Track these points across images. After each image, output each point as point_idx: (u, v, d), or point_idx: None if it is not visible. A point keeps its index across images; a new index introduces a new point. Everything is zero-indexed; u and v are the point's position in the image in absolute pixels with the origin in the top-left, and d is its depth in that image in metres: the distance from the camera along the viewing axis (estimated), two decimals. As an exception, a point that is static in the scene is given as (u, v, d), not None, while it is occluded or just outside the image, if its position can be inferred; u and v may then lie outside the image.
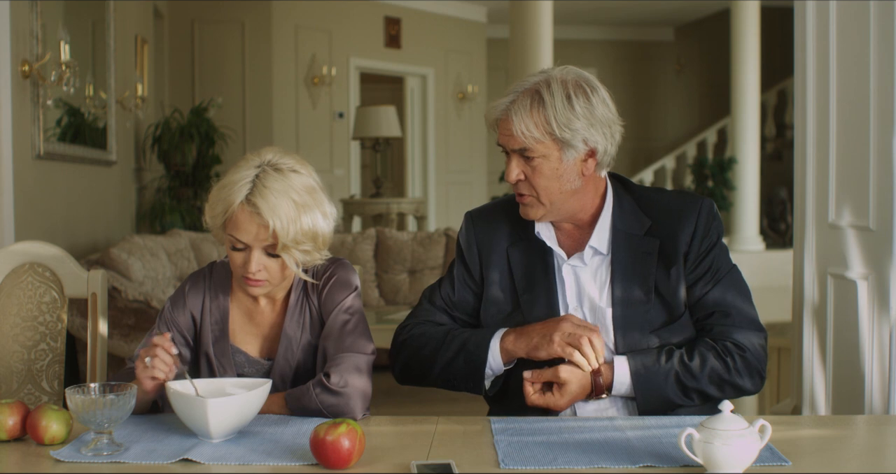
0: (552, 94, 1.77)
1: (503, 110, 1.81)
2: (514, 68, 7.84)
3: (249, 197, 1.74)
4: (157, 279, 4.63)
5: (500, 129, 1.82)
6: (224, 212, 1.76)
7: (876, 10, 2.54)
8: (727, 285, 1.85)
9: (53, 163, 4.53)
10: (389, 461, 1.48)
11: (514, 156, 1.82)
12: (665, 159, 11.12)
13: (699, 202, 1.88)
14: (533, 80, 1.81)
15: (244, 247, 1.77)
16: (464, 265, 1.98)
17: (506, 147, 1.82)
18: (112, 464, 1.48)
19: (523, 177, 1.82)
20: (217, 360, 1.88)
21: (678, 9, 11.27)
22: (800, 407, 2.96)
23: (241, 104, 8.45)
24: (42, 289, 2.20)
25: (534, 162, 1.80)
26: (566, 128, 1.77)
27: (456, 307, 1.96)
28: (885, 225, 2.50)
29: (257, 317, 1.92)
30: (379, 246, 5.92)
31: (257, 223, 1.74)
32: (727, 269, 1.86)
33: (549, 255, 1.89)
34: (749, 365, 1.80)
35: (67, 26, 4.45)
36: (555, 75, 1.81)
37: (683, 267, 1.84)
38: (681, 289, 1.84)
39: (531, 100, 1.78)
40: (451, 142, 10.64)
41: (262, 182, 1.74)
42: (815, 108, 2.88)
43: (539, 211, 1.85)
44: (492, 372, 1.84)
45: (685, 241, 1.84)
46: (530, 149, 1.79)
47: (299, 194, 1.76)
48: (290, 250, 1.76)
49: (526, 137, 1.78)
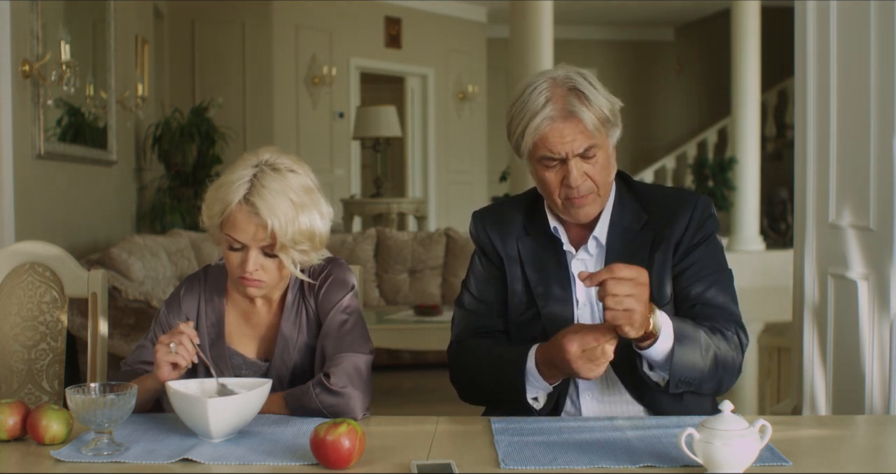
0: (581, 83, 1.78)
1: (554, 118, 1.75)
2: (514, 68, 7.84)
3: (247, 196, 1.73)
4: (157, 279, 4.63)
5: (554, 140, 1.76)
6: (221, 211, 1.75)
7: (876, 10, 2.54)
8: (714, 282, 1.83)
9: (54, 163, 4.53)
10: (389, 461, 1.48)
11: (573, 161, 1.77)
12: (665, 159, 11.12)
13: (696, 197, 1.88)
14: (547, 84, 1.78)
15: (241, 247, 1.77)
16: (486, 258, 1.96)
17: (568, 153, 1.77)
18: (112, 464, 1.48)
19: (586, 177, 1.80)
20: (214, 362, 1.87)
21: (678, 9, 11.27)
22: (800, 407, 2.96)
23: (241, 104, 8.46)
24: (42, 288, 2.20)
25: (594, 157, 1.78)
26: (608, 109, 1.79)
27: (494, 301, 1.94)
28: (886, 225, 2.50)
29: (253, 318, 1.91)
30: (379, 246, 5.92)
31: (255, 223, 1.73)
32: (718, 268, 1.86)
33: (560, 251, 1.89)
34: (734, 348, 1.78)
35: (68, 26, 4.45)
36: (560, 73, 1.80)
37: (672, 256, 1.84)
38: (666, 278, 1.84)
39: (573, 95, 1.77)
40: (451, 142, 10.64)
41: (261, 181, 1.74)
42: (815, 108, 2.88)
43: (598, 206, 1.85)
44: (537, 389, 1.80)
45: (678, 232, 1.84)
46: (595, 144, 1.78)
47: (297, 194, 1.75)
48: (288, 250, 1.75)
49: (595, 130, 1.76)
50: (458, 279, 5.66)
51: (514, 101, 1.82)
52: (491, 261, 1.96)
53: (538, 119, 1.76)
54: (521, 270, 1.91)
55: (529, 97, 1.78)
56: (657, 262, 1.84)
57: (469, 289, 1.97)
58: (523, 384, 1.77)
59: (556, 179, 1.80)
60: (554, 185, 1.81)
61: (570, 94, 1.77)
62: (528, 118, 1.77)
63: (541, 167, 1.81)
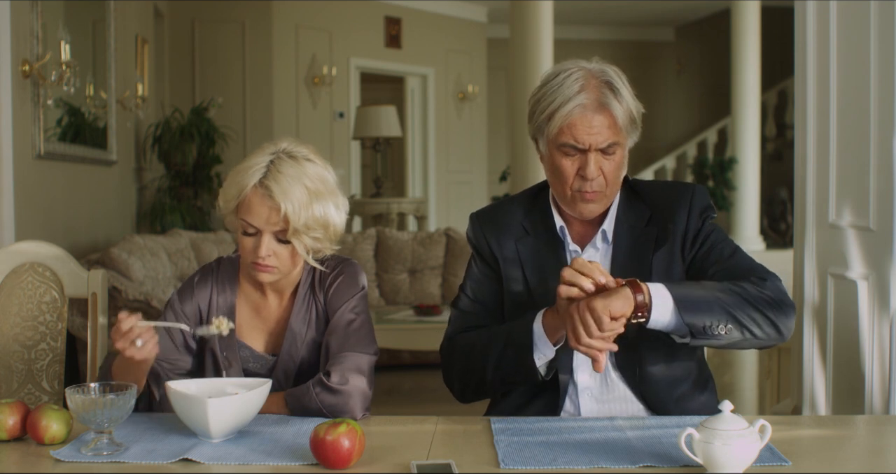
0: (616, 80, 1.77)
1: (586, 106, 1.74)
2: (515, 68, 7.84)
3: (263, 180, 1.76)
4: (157, 279, 4.63)
5: (581, 128, 1.75)
6: (237, 195, 1.78)
7: (876, 10, 2.54)
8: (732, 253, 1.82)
9: (54, 163, 4.53)
10: (389, 461, 1.48)
11: (593, 154, 1.77)
12: (665, 159, 11.12)
13: (691, 187, 1.89)
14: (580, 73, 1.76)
15: (255, 232, 1.79)
16: (482, 261, 1.96)
17: (591, 145, 1.76)
18: (112, 464, 1.48)
19: (600, 173, 1.79)
20: (222, 354, 1.88)
21: (678, 9, 11.27)
22: (800, 407, 2.96)
23: (241, 104, 8.46)
24: (42, 288, 2.20)
25: (613, 155, 1.78)
26: (637, 111, 1.79)
27: (490, 303, 1.94)
28: (886, 225, 2.50)
29: (263, 312, 1.92)
30: (379, 246, 5.92)
31: (269, 206, 1.75)
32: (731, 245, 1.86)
33: (561, 249, 1.89)
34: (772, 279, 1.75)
35: (68, 26, 4.45)
36: (595, 66, 1.79)
37: (681, 248, 1.84)
38: (675, 272, 1.83)
39: (608, 89, 1.76)
40: (451, 142, 10.64)
41: (277, 167, 1.77)
42: (815, 108, 2.88)
43: (602, 204, 1.84)
44: (544, 355, 1.77)
45: (681, 224, 1.84)
46: (618, 142, 1.77)
47: (312, 181, 1.78)
48: (301, 236, 1.77)
49: (622, 127, 1.76)
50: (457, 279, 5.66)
51: (544, 82, 1.80)
52: (486, 263, 1.96)
53: (571, 105, 1.74)
54: (522, 271, 1.90)
55: (564, 82, 1.76)
56: (663, 257, 1.84)
57: (465, 291, 1.97)
58: (530, 347, 1.74)
59: (572, 169, 1.79)
60: (568, 174, 1.79)
61: (604, 86, 1.76)
62: (559, 102, 1.75)
63: (559, 154, 1.79)
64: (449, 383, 1.94)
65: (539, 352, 1.76)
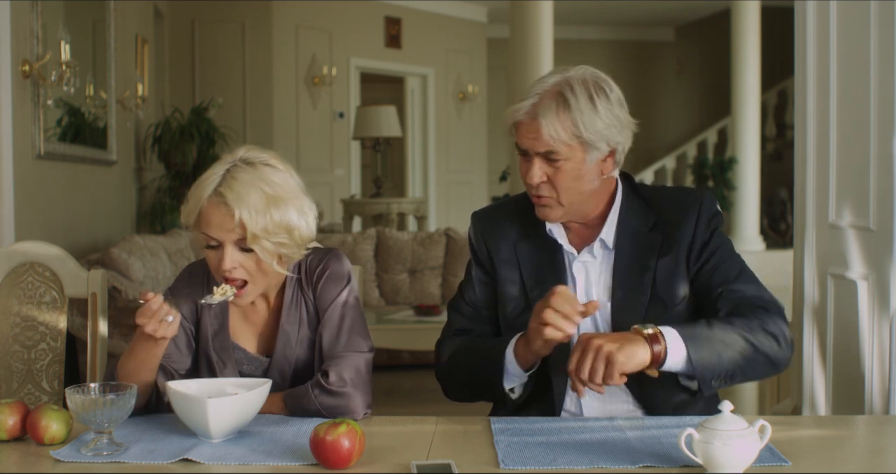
0: (576, 95, 1.75)
1: (526, 113, 1.77)
2: (514, 68, 7.84)
3: (217, 188, 1.73)
4: (157, 279, 4.63)
5: (522, 132, 1.78)
6: (196, 207, 1.75)
7: (876, 10, 2.54)
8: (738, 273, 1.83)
9: (54, 163, 4.53)
10: (389, 461, 1.48)
11: (536, 158, 1.78)
12: (665, 159, 11.12)
13: (700, 196, 1.88)
14: (552, 81, 1.78)
15: (217, 244, 1.75)
16: (479, 264, 1.97)
17: (529, 150, 1.78)
18: (112, 464, 1.48)
19: (545, 178, 1.79)
20: (217, 355, 1.87)
21: (678, 9, 11.27)
22: (800, 407, 2.96)
23: (241, 104, 8.46)
24: (42, 288, 2.20)
25: (558, 164, 1.77)
26: (592, 129, 1.75)
27: (482, 307, 1.95)
28: (886, 225, 2.50)
29: (252, 316, 1.91)
30: (379, 246, 5.92)
31: (223, 213, 1.72)
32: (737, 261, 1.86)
33: (559, 253, 1.88)
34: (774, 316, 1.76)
35: (68, 26, 4.45)
36: (574, 75, 1.79)
37: (686, 258, 1.83)
38: (678, 280, 1.83)
39: (556, 102, 1.75)
40: (451, 142, 10.64)
41: (232, 174, 1.74)
42: (815, 108, 2.88)
43: (557, 212, 1.83)
44: (517, 379, 1.80)
45: (688, 234, 1.83)
46: (556, 152, 1.76)
47: (270, 186, 1.74)
48: (261, 241, 1.73)
49: (554, 140, 1.74)
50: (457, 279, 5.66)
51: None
52: (482, 267, 1.96)
53: (521, 107, 1.78)
54: (519, 273, 1.90)
55: (533, 86, 1.80)
56: (667, 265, 1.83)
57: (462, 293, 1.98)
58: (501, 370, 1.77)
59: (524, 169, 1.82)
60: (522, 173, 1.83)
61: (555, 98, 1.76)
62: (516, 104, 1.80)
63: (518, 154, 1.83)
64: (438, 379, 1.97)
65: (510, 375, 1.79)
